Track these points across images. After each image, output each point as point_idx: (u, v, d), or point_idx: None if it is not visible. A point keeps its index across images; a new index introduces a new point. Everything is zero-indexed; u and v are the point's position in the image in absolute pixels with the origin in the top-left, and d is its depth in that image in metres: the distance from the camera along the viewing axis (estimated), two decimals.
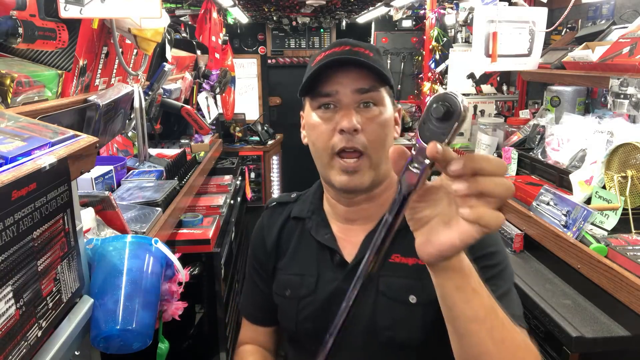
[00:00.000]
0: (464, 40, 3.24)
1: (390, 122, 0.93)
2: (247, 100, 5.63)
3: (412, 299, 0.91)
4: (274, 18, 5.11)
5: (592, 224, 1.57)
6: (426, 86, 3.07)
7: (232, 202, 2.71)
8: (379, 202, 0.97)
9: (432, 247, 0.60)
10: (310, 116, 0.94)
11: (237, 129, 5.01)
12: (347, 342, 0.92)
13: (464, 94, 3.17)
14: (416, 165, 0.55)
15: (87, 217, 1.05)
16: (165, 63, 2.18)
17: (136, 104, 1.82)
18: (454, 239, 0.57)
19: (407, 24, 4.85)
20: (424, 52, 3.16)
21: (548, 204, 1.71)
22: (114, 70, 1.66)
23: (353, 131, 0.87)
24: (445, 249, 0.59)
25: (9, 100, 1.02)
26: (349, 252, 0.97)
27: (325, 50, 0.93)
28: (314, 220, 1.03)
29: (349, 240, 0.98)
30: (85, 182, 1.48)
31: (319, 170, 0.98)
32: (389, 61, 5.14)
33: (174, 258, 1.06)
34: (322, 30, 5.69)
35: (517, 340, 0.69)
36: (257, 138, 5.01)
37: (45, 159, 0.71)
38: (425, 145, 0.53)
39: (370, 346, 0.92)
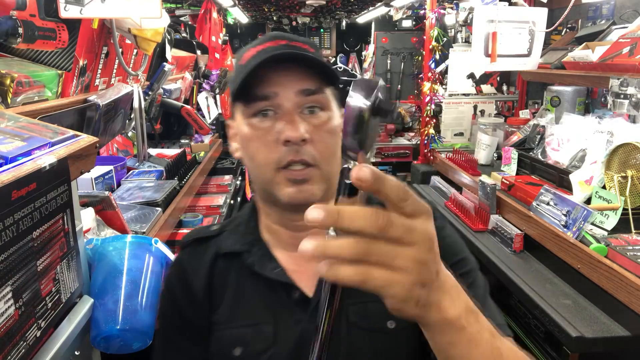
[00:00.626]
0: (464, 40, 3.25)
1: (338, 129, 0.76)
2: None
3: (391, 324, 0.77)
4: (274, 18, 5.11)
5: (592, 224, 1.57)
6: (426, 86, 3.07)
7: (232, 202, 2.71)
8: None
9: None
10: (242, 126, 0.77)
11: None
12: None
13: (464, 94, 3.17)
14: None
15: (87, 217, 1.06)
16: (165, 63, 2.18)
17: (136, 104, 1.82)
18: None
19: (407, 24, 4.85)
20: (424, 52, 3.16)
21: (548, 204, 1.71)
22: (114, 70, 1.66)
23: (301, 141, 0.71)
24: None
25: (9, 100, 1.02)
26: (306, 285, 0.78)
27: (256, 45, 0.77)
28: (255, 253, 0.81)
29: (303, 271, 0.79)
30: (85, 182, 1.48)
31: (257, 189, 0.82)
32: (388, 61, 5.14)
33: (174, 258, 1.07)
34: (322, 30, 5.69)
35: None
36: None
37: (45, 159, 0.71)
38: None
39: None
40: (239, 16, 4.75)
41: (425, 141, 3.12)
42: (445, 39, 3.03)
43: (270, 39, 0.76)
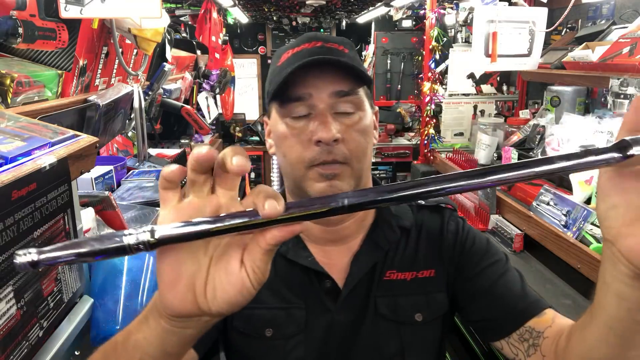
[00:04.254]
0: (464, 40, 3.24)
1: (371, 128, 0.81)
2: (247, 100, 5.63)
3: (419, 317, 0.81)
4: (274, 18, 5.11)
5: (592, 223, 1.57)
6: (426, 86, 3.07)
7: None
8: (359, 219, 0.84)
9: None
10: (278, 124, 0.79)
11: (237, 129, 5.01)
12: None
13: (464, 94, 3.17)
14: None
15: (87, 217, 1.06)
16: (165, 63, 2.18)
17: (136, 104, 1.82)
18: None
19: (407, 24, 4.85)
20: (424, 52, 3.16)
21: (548, 204, 1.71)
22: (114, 70, 1.66)
23: (332, 142, 0.73)
24: None
25: (9, 100, 1.02)
26: (337, 278, 0.82)
27: (293, 47, 0.79)
28: (288, 242, 0.84)
29: (333, 264, 0.83)
30: (85, 182, 1.48)
31: (289, 186, 0.84)
32: (388, 61, 5.14)
33: None
34: (322, 30, 5.69)
35: None
36: (257, 138, 5.02)
37: (45, 159, 0.71)
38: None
39: None
40: (239, 16, 4.75)
41: (425, 141, 3.12)
42: (445, 39, 3.03)
43: (307, 41, 0.78)
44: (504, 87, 3.28)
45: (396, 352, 0.80)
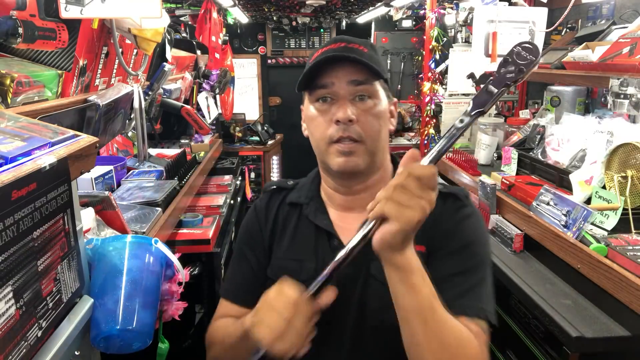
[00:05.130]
0: (464, 40, 3.24)
1: (385, 114, 0.98)
2: (247, 100, 5.63)
3: None
4: (274, 18, 5.11)
5: (592, 224, 1.57)
6: (426, 86, 3.07)
7: (232, 202, 2.71)
8: (374, 192, 0.92)
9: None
10: (308, 109, 0.99)
11: (237, 129, 5.01)
12: (336, 326, 0.95)
13: (464, 94, 3.17)
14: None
15: (87, 217, 1.05)
16: (165, 63, 2.18)
17: (136, 104, 1.82)
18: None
19: (407, 24, 4.85)
20: (424, 52, 3.16)
21: (548, 204, 1.71)
22: (114, 70, 1.66)
23: (348, 121, 0.92)
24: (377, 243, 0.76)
25: (9, 100, 1.02)
26: (346, 238, 0.95)
27: (323, 47, 0.98)
28: (312, 206, 1.05)
29: (346, 227, 1.00)
30: (85, 182, 1.48)
31: (318, 159, 1.02)
32: (388, 61, 5.14)
33: (174, 258, 1.06)
34: (322, 30, 5.69)
35: (454, 336, 0.79)
36: (257, 138, 5.01)
37: (45, 159, 0.71)
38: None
39: (359, 329, 0.95)
40: (239, 16, 4.75)
41: (425, 141, 3.12)
42: (445, 39, 3.03)
43: (333, 42, 0.97)
44: None
45: (378, 309, 0.92)
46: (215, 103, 3.69)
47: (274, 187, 1.14)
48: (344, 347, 0.96)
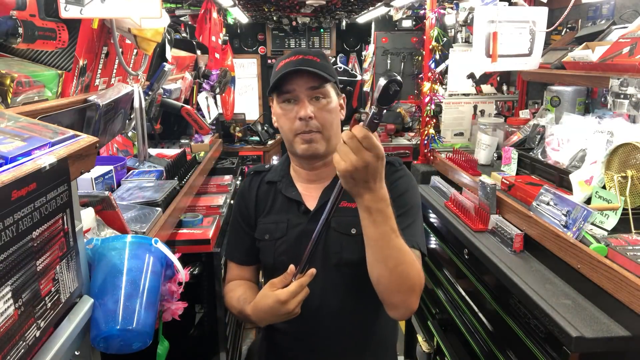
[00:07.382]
0: (464, 40, 3.24)
1: (336, 109, 1.31)
2: (247, 100, 5.63)
3: (353, 231, 1.27)
4: (274, 18, 5.11)
5: (592, 224, 1.56)
6: (426, 86, 3.06)
7: (232, 202, 2.71)
8: (331, 167, 1.22)
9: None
10: (277, 108, 1.32)
11: (237, 129, 5.01)
12: (309, 267, 1.21)
13: (464, 94, 3.17)
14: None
15: (87, 217, 1.05)
16: (165, 63, 2.18)
17: (136, 104, 1.81)
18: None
19: (407, 24, 4.85)
20: (424, 52, 3.15)
21: (548, 204, 1.71)
22: (114, 70, 1.66)
23: (308, 118, 1.24)
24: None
25: (9, 100, 1.02)
26: (310, 204, 1.34)
27: (285, 59, 1.27)
28: (284, 182, 1.40)
29: (310, 195, 1.36)
30: (85, 182, 1.48)
31: (286, 146, 1.36)
32: (388, 61, 5.14)
33: (174, 258, 1.06)
34: (322, 30, 5.70)
35: (408, 257, 1.09)
36: (257, 138, 5.01)
37: (45, 159, 0.71)
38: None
39: (325, 266, 1.28)
40: (239, 16, 4.75)
41: (425, 141, 3.12)
42: (445, 39, 3.03)
43: (294, 54, 1.27)
44: (504, 87, 3.28)
45: (337, 251, 1.29)
46: (215, 103, 3.69)
47: (253, 172, 1.49)
48: (317, 282, 1.20)
